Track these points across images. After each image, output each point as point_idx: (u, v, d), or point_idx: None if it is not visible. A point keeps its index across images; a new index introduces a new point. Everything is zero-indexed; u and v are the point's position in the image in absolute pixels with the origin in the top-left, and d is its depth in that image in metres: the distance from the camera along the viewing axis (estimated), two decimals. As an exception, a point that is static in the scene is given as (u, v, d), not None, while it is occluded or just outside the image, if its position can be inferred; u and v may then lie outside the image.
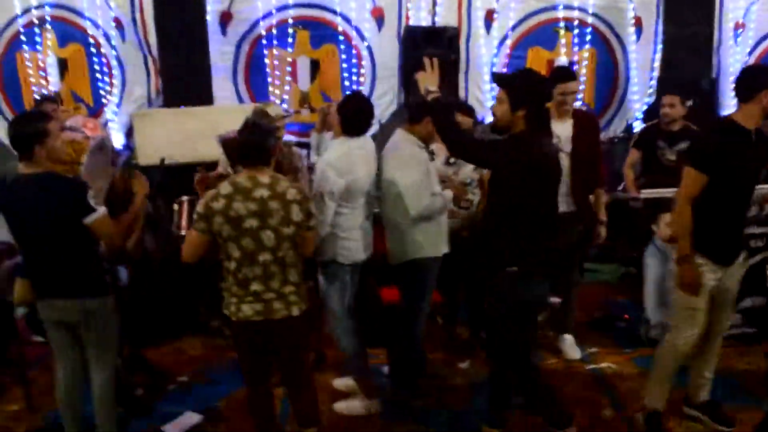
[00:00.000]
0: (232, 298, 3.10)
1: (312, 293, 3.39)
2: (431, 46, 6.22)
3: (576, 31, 6.89)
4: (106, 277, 3.31)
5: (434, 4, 6.89)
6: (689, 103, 5.13)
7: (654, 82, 6.88)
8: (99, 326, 3.21)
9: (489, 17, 6.93)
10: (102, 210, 3.13)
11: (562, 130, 4.17)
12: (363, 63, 6.97)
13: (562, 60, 6.83)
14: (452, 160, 4.30)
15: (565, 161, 4.08)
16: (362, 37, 6.93)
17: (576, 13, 6.87)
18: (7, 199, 3.16)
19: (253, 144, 3.09)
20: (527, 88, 3.09)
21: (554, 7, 6.88)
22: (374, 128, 6.74)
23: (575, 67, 6.96)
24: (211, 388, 4.24)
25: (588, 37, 6.91)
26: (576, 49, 6.94)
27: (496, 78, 3.27)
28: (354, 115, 3.67)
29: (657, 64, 6.87)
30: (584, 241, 4.48)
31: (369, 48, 6.94)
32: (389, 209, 3.80)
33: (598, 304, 5.32)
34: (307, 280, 3.46)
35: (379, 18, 6.93)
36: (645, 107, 6.89)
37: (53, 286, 3.16)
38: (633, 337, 4.70)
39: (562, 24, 6.90)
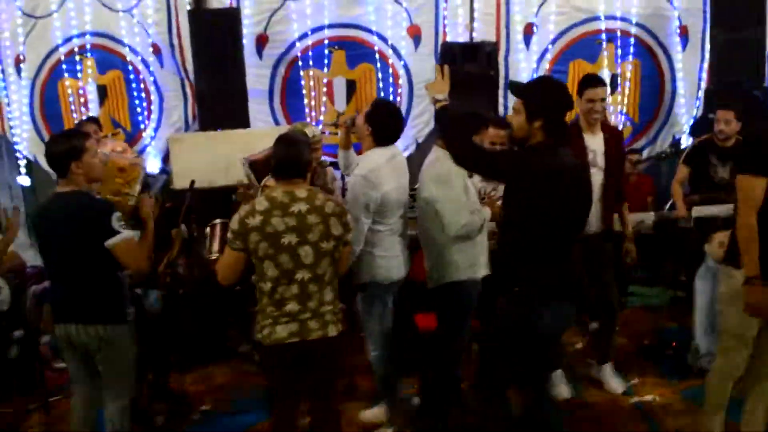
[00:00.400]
0: (266, 320, 2.95)
1: (343, 319, 3.25)
2: (469, 62, 6.10)
3: (619, 42, 6.65)
4: (128, 303, 3.23)
5: (472, 19, 6.76)
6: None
7: (702, 93, 6.58)
8: (113, 355, 3.13)
9: (528, 31, 6.76)
10: (125, 234, 3.06)
11: (595, 143, 3.99)
12: (400, 82, 6.87)
13: (605, 73, 6.59)
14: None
15: (597, 177, 3.90)
16: (399, 56, 6.83)
17: (618, 24, 6.64)
18: (39, 218, 3.16)
19: (290, 157, 2.99)
20: (544, 97, 2.90)
21: (596, 18, 6.66)
22: (412, 148, 6.74)
23: (619, 80, 6.73)
24: (236, 417, 4.13)
25: (631, 48, 6.67)
26: (619, 61, 6.70)
27: (512, 87, 3.08)
28: (384, 121, 3.57)
29: (704, 74, 6.57)
30: (618, 261, 4.24)
31: (406, 66, 6.84)
32: (427, 228, 3.68)
33: (645, 331, 5.03)
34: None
35: (415, 36, 6.83)
36: (692, 120, 6.59)
37: (70, 310, 3.11)
38: (681, 367, 4.42)
39: (604, 36, 6.67)
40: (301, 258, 2.89)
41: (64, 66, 6.83)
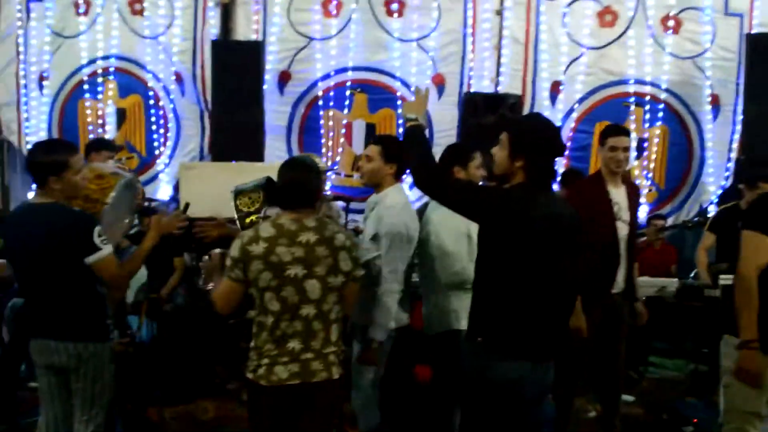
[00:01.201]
0: (263, 359, 2.66)
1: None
2: (492, 113, 5.97)
3: (647, 107, 6.52)
4: (108, 322, 3.02)
5: (498, 73, 6.68)
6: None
7: (732, 165, 6.38)
8: (90, 375, 2.90)
9: (554, 88, 6.65)
10: (107, 250, 2.87)
11: (619, 196, 3.78)
12: (421, 129, 6.74)
13: (632, 136, 6.42)
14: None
15: (623, 231, 3.69)
16: (422, 104, 6.72)
17: (648, 89, 6.52)
18: (10, 229, 2.97)
19: (297, 182, 2.74)
20: (531, 134, 2.60)
21: (625, 82, 6.56)
22: (426, 197, 6.57)
23: (645, 144, 6.57)
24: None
25: (660, 114, 6.52)
26: (647, 125, 6.55)
27: (502, 117, 2.83)
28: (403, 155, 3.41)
29: (735, 145, 6.38)
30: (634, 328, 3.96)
31: (428, 115, 6.73)
32: (425, 272, 3.48)
33: (663, 404, 4.70)
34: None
35: (440, 85, 6.77)
36: (720, 190, 6.38)
37: (46, 325, 2.90)
38: (703, 445, 4.08)
39: (632, 99, 6.55)
40: (306, 292, 2.64)
41: (86, 86, 6.84)
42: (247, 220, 3.48)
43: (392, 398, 3.66)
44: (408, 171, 3.39)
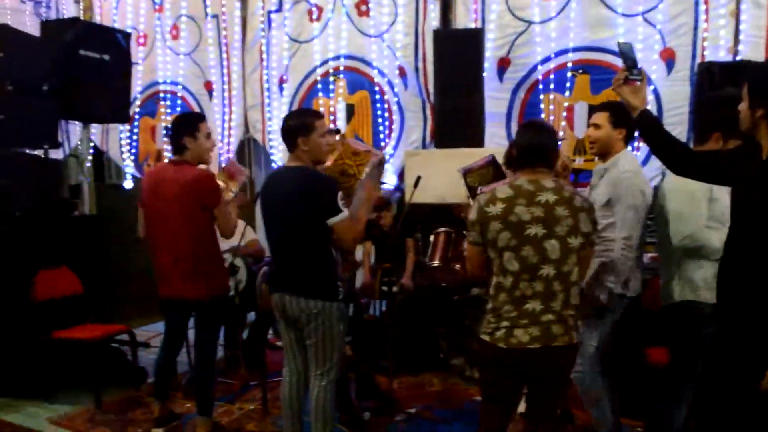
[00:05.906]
0: (502, 322, 2.65)
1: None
2: (731, 84, 5.46)
3: None
4: (339, 282, 3.27)
5: (736, 42, 6.09)
6: None
7: None
8: (320, 331, 3.17)
9: (810, 52, 5.90)
10: (346, 213, 3.13)
11: None
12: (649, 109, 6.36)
13: None
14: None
15: None
16: (649, 81, 6.33)
17: None
18: (266, 189, 3.35)
19: (537, 142, 2.75)
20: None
21: None
22: (657, 180, 6.17)
23: None
24: (438, 426, 4.02)
25: None
26: None
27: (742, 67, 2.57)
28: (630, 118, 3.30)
29: None
30: None
31: (656, 92, 6.33)
32: (660, 239, 3.36)
33: None
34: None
35: (668, 60, 6.31)
36: None
37: (284, 281, 3.23)
38: None
39: None
40: (546, 252, 2.61)
41: (319, 86, 7.39)
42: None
43: (623, 383, 3.53)
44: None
